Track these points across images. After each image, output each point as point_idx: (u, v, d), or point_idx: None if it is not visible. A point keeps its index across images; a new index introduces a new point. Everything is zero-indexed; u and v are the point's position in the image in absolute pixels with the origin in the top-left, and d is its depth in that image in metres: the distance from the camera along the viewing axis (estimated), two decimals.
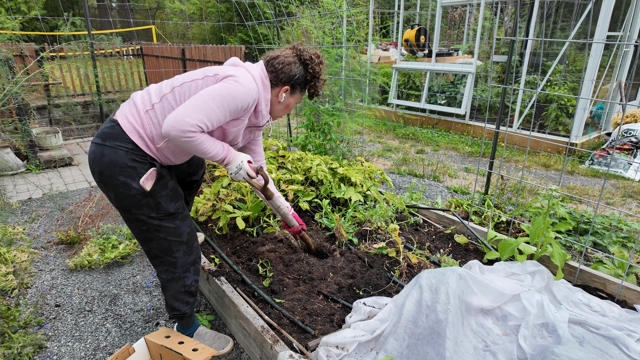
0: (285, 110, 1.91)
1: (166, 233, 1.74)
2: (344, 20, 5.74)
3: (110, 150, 1.59)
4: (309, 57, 1.79)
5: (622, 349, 1.74)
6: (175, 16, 20.92)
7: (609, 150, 5.14)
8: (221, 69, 1.68)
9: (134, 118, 1.63)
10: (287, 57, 1.77)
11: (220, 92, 1.57)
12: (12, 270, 2.61)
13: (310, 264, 2.43)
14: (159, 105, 1.63)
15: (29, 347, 2.02)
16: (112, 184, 1.62)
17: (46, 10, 18.55)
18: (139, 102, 1.65)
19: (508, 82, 3.39)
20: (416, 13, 10.36)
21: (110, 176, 1.61)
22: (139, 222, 1.71)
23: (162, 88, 1.67)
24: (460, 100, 6.81)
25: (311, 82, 1.84)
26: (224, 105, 1.57)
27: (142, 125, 1.63)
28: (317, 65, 1.82)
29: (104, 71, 7.94)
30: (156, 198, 1.67)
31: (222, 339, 2.02)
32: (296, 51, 1.80)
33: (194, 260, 1.88)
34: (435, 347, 1.65)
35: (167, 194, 1.70)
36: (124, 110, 1.66)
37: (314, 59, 1.81)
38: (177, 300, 1.88)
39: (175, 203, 1.75)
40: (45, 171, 4.72)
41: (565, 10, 6.41)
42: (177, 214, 1.75)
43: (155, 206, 1.67)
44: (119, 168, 1.59)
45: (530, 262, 2.26)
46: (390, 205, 2.97)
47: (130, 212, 1.68)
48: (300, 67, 1.79)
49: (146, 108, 1.64)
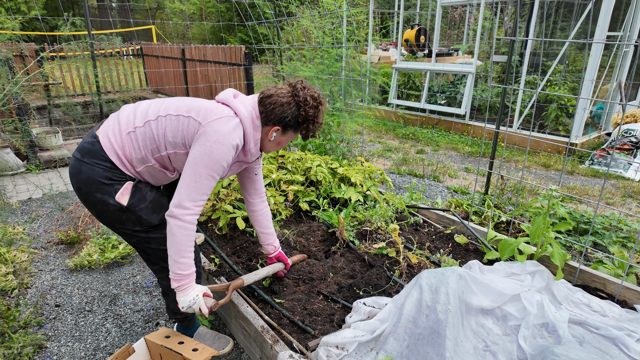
0: (277, 147, 1.83)
1: (157, 243, 1.72)
2: (344, 20, 5.74)
3: (88, 167, 1.57)
4: (304, 99, 1.68)
5: (622, 349, 1.74)
6: (175, 16, 20.92)
7: (609, 150, 5.14)
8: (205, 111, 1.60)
9: (114, 138, 1.59)
10: (281, 97, 1.67)
11: (206, 161, 1.54)
12: (12, 270, 2.61)
13: (310, 264, 2.43)
14: (142, 129, 1.60)
15: (29, 347, 2.02)
16: (90, 201, 1.61)
17: (46, 10, 18.56)
18: (122, 121, 1.62)
19: (508, 82, 3.39)
20: (416, 13, 10.36)
21: (88, 193, 1.59)
22: (127, 235, 1.70)
23: (148, 113, 1.63)
24: (460, 100, 6.81)
25: (304, 125, 1.72)
26: (210, 174, 1.57)
27: (122, 147, 1.59)
28: (312, 109, 1.69)
29: (104, 71, 7.94)
30: (136, 212, 1.63)
31: (222, 339, 2.02)
32: (293, 90, 1.70)
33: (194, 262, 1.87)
34: (435, 347, 1.65)
35: (146, 206, 1.66)
36: (106, 128, 1.62)
37: (309, 102, 1.68)
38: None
39: (159, 214, 1.70)
40: (45, 171, 4.72)
41: (565, 10, 6.41)
42: (162, 224, 1.70)
43: (137, 220, 1.65)
44: (95, 185, 1.57)
45: (530, 262, 2.26)
46: (390, 205, 2.97)
47: (115, 227, 1.68)
48: (294, 108, 1.68)
49: (128, 130, 1.60)
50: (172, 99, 1.70)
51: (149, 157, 1.62)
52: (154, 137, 1.60)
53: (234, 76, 7.13)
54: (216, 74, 7.55)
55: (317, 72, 4.37)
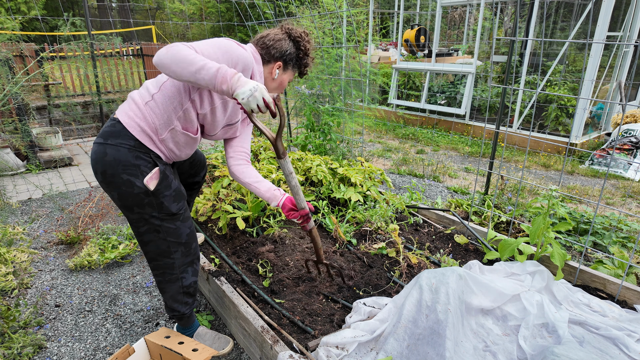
0: (278, 89, 1.89)
1: (166, 234, 1.73)
2: (344, 21, 5.74)
3: (113, 149, 1.58)
4: (298, 34, 1.81)
5: (622, 349, 1.74)
6: (175, 16, 20.92)
7: (608, 150, 5.14)
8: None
9: (134, 113, 1.62)
10: (277, 34, 1.78)
11: (220, 42, 1.58)
12: (12, 270, 2.61)
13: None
14: (159, 94, 1.62)
15: (28, 348, 2.01)
16: (116, 183, 1.60)
17: (46, 11, 18.56)
18: (137, 98, 1.65)
19: (508, 82, 3.39)
20: (416, 13, 10.36)
21: (114, 175, 1.59)
22: (141, 221, 1.70)
23: (159, 78, 1.66)
24: (460, 101, 6.81)
25: (303, 60, 1.86)
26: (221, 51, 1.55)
27: (144, 118, 1.61)
28: (307, 42, 1.84)
29: (104, 71, 7.94)
30: (159, 198, 1.66)
31: (222, 339, 2.02)
32: (285, 29, 1.82)
33: (192, 261, 1.87)
34: (435, 347, 1.65)
35: (170, 194, 1.69)
36: (123, 108, 1.65)
37: (304, 37, 1.83)
38: (176, 302, 1.88)
39: (178, 203, 1.73)
40: (45, 171, 4.72)
41: (565, 11, 6.41)
42: (178, 214, 1.74)
43: (158, 206, 1.66)
44: (122, 166, 1.58)
45: (530, 262, 2.26)
46: (390, 206, 2.97)
47: (132, 211, 1.67)
48: (290, 43, 1.80)
49: (145, 100, 1.63)
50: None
51: (172, 118, 1.63)
52: (171, 95, 1.61)
53: None
54: None
55: (317, 72, 4.37)
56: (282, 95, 5.99)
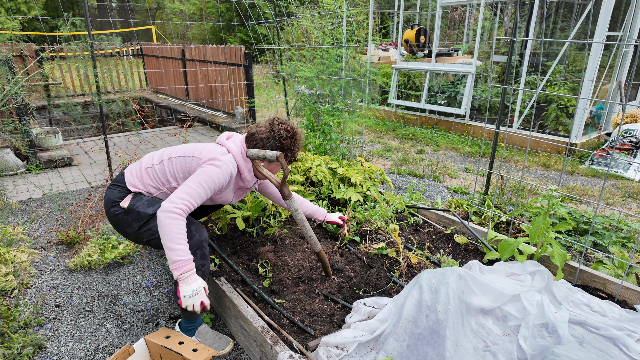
0: (270, 173, 2.15)
1: (158, 231, 1.85)
2: (344, 21, 5.74)
3: (109, 191, 2.05)
4: (278, 132, 2.02)
5: (622, 349, 1.74)
6: (175, 16, 20.92)
7: (609, 150, 5.14)
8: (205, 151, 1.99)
9: (135, 172, 2.07)
10: (260, 133, 2.04)
11: (202, 176, 1.88)
12: (12, 270, 2.61)
13: (310, 264, 2.43)
14: (158, 166, 2.06)
15: (29, 348, 2.01)
16: (109, 217, 2.04)
17: (46, 11, 18.56)
18: (143, 161, 2.10)
19: (508, 82, 3.39)
20: (416, 13, 10.36)
21: (107, 211, 2.04)
22: (138, 236, 2.00)
23: (163, 154, 2.08)
24: (460, 101, 6.81)
25: (284, 153, 2.04)
26: (204, 186, 1.87)
27: (141, 178, 2.04)
28: (287, 140, 2.03)
29: (104, 71, 7.94)
30: (134, 209, 1.96)
31: (223, 340, 2.02)
32: (270, 126, 2.05)
33: (198, 244, 1.91)
34: (435, 347, 1.65)
35: (142, 203, 1.98)
36: (131, 167, 2.12)
37: (283, 134, 2.02)
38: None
39: (153, 207, 1.97)
40: (45, 171, 4.72)
41: (565, 10, 6.41)
42: (156, 212, 1.91)
43: (137, 216, 1.96)
44: (111, 203, 2.01)
45: (530, 262, 2.26)
46: (390, 206, 2.97)
47: (128, 233, 2.01)
48: (272, 141, 2.03)
49: (146, 166, 2.07)
50: (182, 145, 2.13)
51: (163, 186, 2.05)
52: (166, 172, 2.04)
53: (234, 76, 7.13)
54: (216, 74, 7.55)
55: (317, 72, 4.37)
56: (282, 96, 5.99)
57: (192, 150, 2.04)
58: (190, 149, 2.06)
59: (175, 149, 2.10)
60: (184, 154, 2.03)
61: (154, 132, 6.93)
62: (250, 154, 1.96)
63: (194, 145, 2.08)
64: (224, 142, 2.07)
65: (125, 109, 4.16)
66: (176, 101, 9.10)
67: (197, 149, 2.03)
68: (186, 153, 2.03)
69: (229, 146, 2.03)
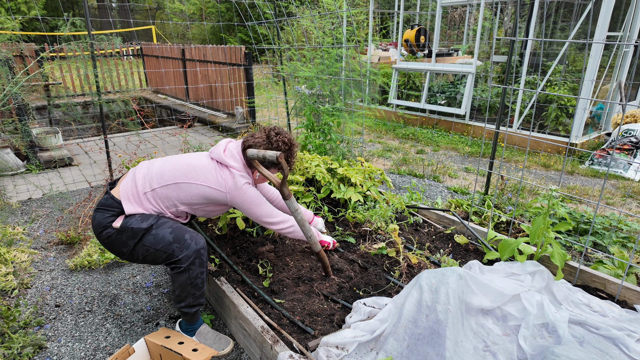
0: (264, 181, 2.21)
1: (152, 245, 1.88)
2: (344, 21, 5.74)
3: (99, 214, 1.93)
4: (276, 145, 2.04)
5: (622, 349, 1.74)
6: (175, 16, 20.93)
7: (609, 150, 5.13)
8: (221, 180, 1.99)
9: (133, 197, 1.95)
10: (258, 145, 2.04)
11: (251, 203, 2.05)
12: (12, 270, 2.61)
13: (310, 264, 2.43)
14: (160, 190, 1.96)
15: (29, 348, 2.01)
16: (102, 240, 1.94)
17: (46, 11, 18.56)
18: (139, 183, 1.96)
19: (508, 82, 3.39)
20: (416, 13, 10.36)
21: (99, 234, 1.94)
22: (134, 255, 1.93)
23: (163, 176, 1.98)
24: (460, 101, 6.81)
25: (278, 165, 2.04)
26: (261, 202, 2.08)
27: (141, 204, 1.95)
28: (284, 152, 2.06)
29: (104, 71, 7.95)
30: (127, 227, 1.89)
31: (223, 340, 2.02)
32: (267, 138, 2.05)
33: (196, 252, 1.90)
34: (435, 347, 1.65)
35: (135, 219, 1.91)
36: (124, 189, 1.96)
37: (282, 147, 2.05)
38: (184, 292, 1.91)
39: (147, 221, 1.91)
40: (45, 171, 4.72)
41: (565, 10, 6.41)
42: (150, 227, 1.90)
43: (132, 233, 1.89)
44: (102, 226, 1.91)
45: (530, 262, 2.26)
46: (390, 206, 2.97)
47: (123, 253, 1.93)
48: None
49: (145, 190, 1.96)
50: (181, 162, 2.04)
51: (165, 211, 1.99)
52: (172, 197, 1.97)
53: (234, 76, 7.13)
54: (216, 74, 7.55)
55: (317, 73, 4.37)
56: (282, 96, 5.99)
57: (203, 178, 1.97)
58: (199, 175, 1.98)
59: (174, 167, 2.01)
60: (196, 180, 1.97)
61: (154, 132, 6.93)
62: (250, 154, 1.96)
63: (200, 169, 2.00)
64: (226, 162, 2.01)
65: (125, 109, 4.16)
66: (176, 101, 9.10)
67: (208, 177, 1.98)
68: (198, 181, 1.97)
69: (232, 166, 2.01)
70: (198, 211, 2.07)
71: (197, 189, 1.97)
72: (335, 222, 2.98)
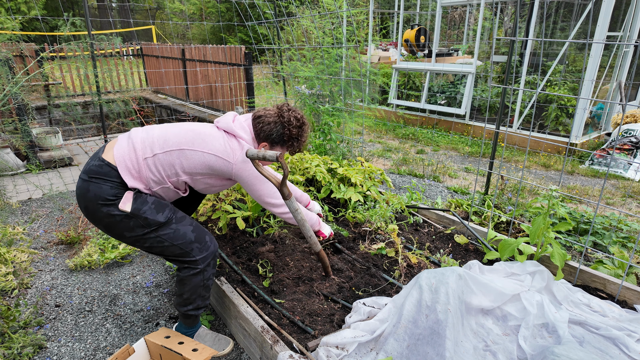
0: (265, 164, 2.10)
1: (170, 240, 1.78)
2: (344, 21, 5.74)
3: (96, 186, 1.70)
4: (288, 119, 1.93)
5: (622, 349, 1.74)
6: (175, 16, 20.93)
7: (609, 150, 5.13)
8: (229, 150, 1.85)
9: (131, 163, 1.73)
10: (268, 117, 1.93)
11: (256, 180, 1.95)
12: (12, 270, 2.61)
13: (310, 264, 2.43)
14: (162, 156, 1.77)
15: (29, 348, 2.01)
16: (98, 217, 1.73)
17: (46, 11, 18.55)
18: (139, 147, 1.76)
19: (508, 82, 3.39)
20: (416, 13, 10.36)
21: (95, 210, 1.71)
22: (140, 242, 1.79)
23: (168, 139, 1.80)
24: (460, 101, 6.81)
25: (289, 142, 1.97)
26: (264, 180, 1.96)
27: (139, 171, 1.74)
28: (296, 128, 1.95)
29: (104, 71, 7.95)
30: (141, 215, 1.73)
31: (223, 340, 2.02)
32: (279, 112, 1.95)
33: (213, 255, 1.89)
34: (435, 347, 1.65)
35: (149, 207, 1.75)
36: (121, 153, 1.73)
37: (293, 122, 1.93)
38: (195, 294, 1.88)
39: (163, 212, 1.79)
40: (45, 171, 4.72)
41: (565, 10, 6.41)
42: (168, 221, 1.79)
43: (145, 223, 1.74)
44: (101, 201, 1.69)
45: (530, 262, 2.26)
46: (390, 206, 2.97)
47: (125, 237, 1.78)
48: (279, 127, 1.93)
49: (145, 155, 1.75)
50: (185, 130, 1.86)
51: (166, 180, 1.80)
52: (175, 164, 1.79)
53: (234, 76, 7.13)
54: (216, 74, 7.55)
55: (317, 73, 4.37)
56: (282, 96, 5.99)
57: (210, 146, 1.83)
58: (206, 143, 1.83)
59: (178, 133, 1.84)
60: (202, 148, 1.81)
61: None
62: (250, 154, 1.90)
63: (206, 136, 1.85)
64: (235, 132, 1.89)
65: (125, 109, 4.16)
66: (176, 101, 9.10)
67: (216, 146, 1.83)
68: (204, 149, 1.82)
69: (241, 136, 1.90)
70: (198, 183, 1.91)
71: (203, 157, 1.81)
72: (335, 222, 2.98)
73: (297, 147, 2.01)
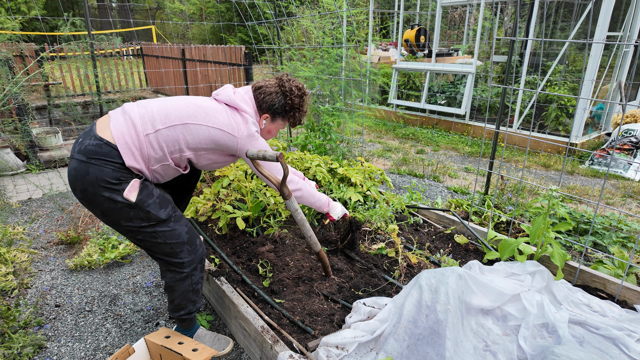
0: (268, 135, 2.04)
1: (164, 237, 1.73)
2: (344, 21, 5.74)
3: (96, 168, 1.58)
4: (289, 89, 1.90)
5: (622, 349, 1.74)
6: (175, 16, 20.93)
7: (609, 150, 5.14)
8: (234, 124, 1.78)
9: (131, 140, 1.62)
10: (269, 87, 1.91)
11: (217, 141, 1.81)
12: (12, 270, 2.61)
13: (310, 264, 2.43)
14: (165, 131, 1.67)
15: (29, 348, 2.01)
16: (97, 201, 1.62)
17: (46, 11, 18.55)
18: (138, 123, 1.64)
19: (508, 82, 3.39)
20: (416, 13, 10.36)
21: (95, 193, 1.60)
22: (132, 233, 1.71)
23: (168, 115, 1.70)
24: (460, 101, 6.81)
25: (290, 113, 1.95)
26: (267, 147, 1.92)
27: (140, 148, 1.64)
28: (297, 97, 1.92)
29: (104, 71, 7.94)
30: (144, 208, 1.66)
31: (222, 340, 2.02)
32: (280, 82, 1.92)
33: (201, 258, 1.86)
34: (435, 347, 1.65)
35: (154, 201, 1.69)
36: (119, 130, 1.62)
37: (294, 91, 1.91)
38: (185, 299, 1.87)
39: (165, 209, 1.73)
40: (45, 171, 4.72)
41: (565, 10, 6.41)
42: (168, 218, 1.74)
43: (145, 216, 1.67)
44: (103, 184, 1.58)
45: (531, 262, 2.26)
46: (390, 206, 2.97)
47: (120, 225, 1.69)
48: (280, 97, 1.91)
49: (147, 132, 1.65)
50: (186, 101, 1.78)
51: (168, 157, 1.71)
52: (178, 140, 1.70)
53: (234, 76, 7.13)
54: (216, 74, 7.55)
55: (317, 72, 4.37)
56: None
57: (214, 120, 1.75)
58: (210, 117, 1.76)
59: (179, 106, 1.75)
60: (206, 122, 1.74)
61: None
62: (250, 154, 1.85)
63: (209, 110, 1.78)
64: (237, 105, 1.83)
65: None
66: None
67: (220, 120, 1.76)
68: (209, 122, 1.74)
69: (244, 109, 1.84)
70: (202, 159, 1.82)
71: (208, 132, 1.73)
72: None
73: (298, 118, 1.98)
